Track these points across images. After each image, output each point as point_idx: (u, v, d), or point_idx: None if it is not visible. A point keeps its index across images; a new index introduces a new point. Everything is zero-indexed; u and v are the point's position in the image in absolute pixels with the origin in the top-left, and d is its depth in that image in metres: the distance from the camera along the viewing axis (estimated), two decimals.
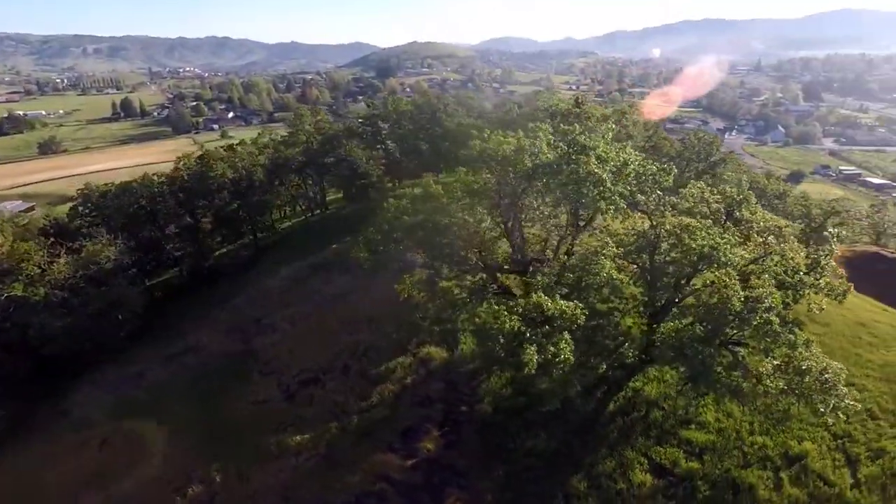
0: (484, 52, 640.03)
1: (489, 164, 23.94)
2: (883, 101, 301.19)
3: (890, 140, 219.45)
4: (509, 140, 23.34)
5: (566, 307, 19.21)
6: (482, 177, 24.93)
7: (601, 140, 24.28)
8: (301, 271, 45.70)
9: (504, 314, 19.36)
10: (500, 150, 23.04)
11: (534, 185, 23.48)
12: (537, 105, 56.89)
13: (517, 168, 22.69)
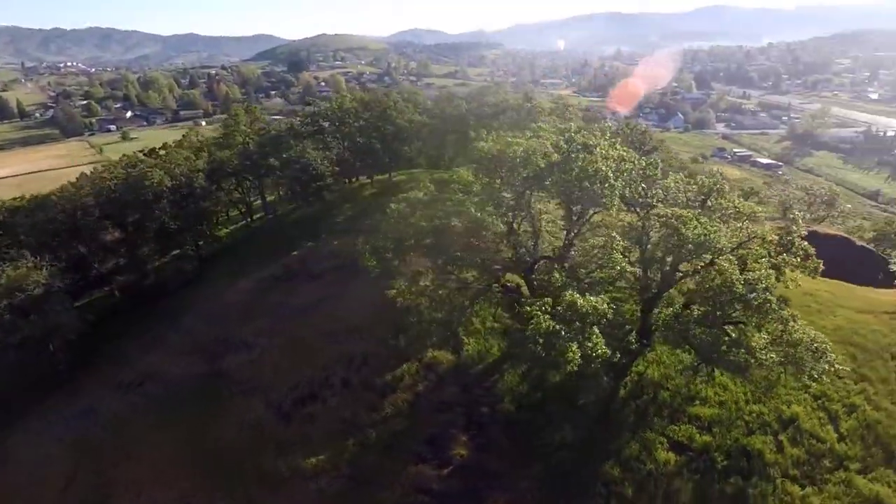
0: (397, 45, 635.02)
1: (495, 164, 23.91)
2: (761, 89, 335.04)
3: (770, 124, 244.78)
4: (518, 142, 23.49)
5: (597, 303, 19.81)
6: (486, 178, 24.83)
7: (601, 138, 25.05)
8: (262, 282, 43.17)
9: (538, 314, 19.58)
10: (509, 151, 23.13)
11: (541, 185, 23.80)
12: (487, 101, 57.55)
13: (529, 168, 22.89)
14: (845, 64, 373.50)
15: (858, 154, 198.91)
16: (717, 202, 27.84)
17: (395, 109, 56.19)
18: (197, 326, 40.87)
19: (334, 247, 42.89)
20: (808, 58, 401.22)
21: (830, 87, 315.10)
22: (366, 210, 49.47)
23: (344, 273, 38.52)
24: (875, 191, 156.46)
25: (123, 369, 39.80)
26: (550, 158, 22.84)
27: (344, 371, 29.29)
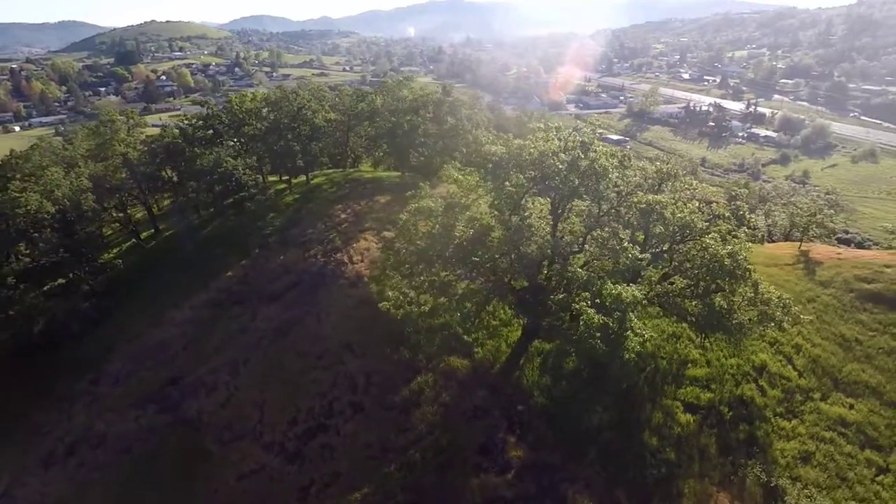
0: (241, 33, 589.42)
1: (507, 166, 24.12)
2: (598, 72, 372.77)
3: (611, 103, 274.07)
4: (529, 143, 23.94)
5: (634, 293, 21.36)
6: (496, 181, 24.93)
7: (593, 135, 26.50)
8: (200, 311, 38.54)
9: (587, 310, 20.55)
10: (524, 153, 23.52)
11: (549, 184, 24.60)
12: (402, 95, 56.77)
13: (546, 169, 23.52)
14: (660, 48, 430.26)
15: (683, 127, 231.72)
16: (674, 185, 31.39)
17: (310, 108, 52.91)
18: (133, 372, 35.42)
19: (282, 262, 39.69)
20: (630, 43, 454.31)
21: (652, 69, 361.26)
22: (297, 219, 46.40)
23: (307, 289, 36.03)
24: (701, 158, 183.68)
25: (37, 438, 33.39)
26: (559, 158, 23.75)
27: (349, 394, 27.76)
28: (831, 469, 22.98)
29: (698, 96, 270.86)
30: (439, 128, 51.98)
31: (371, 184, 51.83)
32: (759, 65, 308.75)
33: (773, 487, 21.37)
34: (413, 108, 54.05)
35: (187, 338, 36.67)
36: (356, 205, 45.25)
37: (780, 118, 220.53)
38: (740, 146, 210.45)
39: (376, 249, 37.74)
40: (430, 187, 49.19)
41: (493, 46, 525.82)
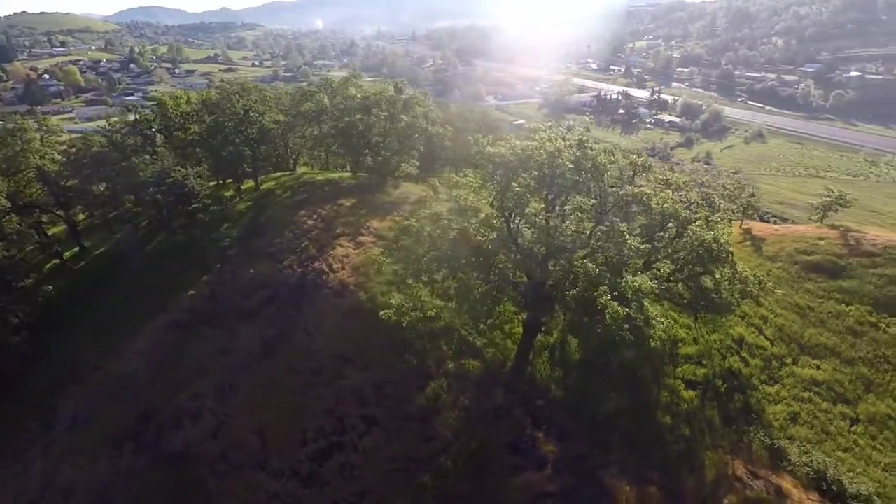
0: (132, 26, 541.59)
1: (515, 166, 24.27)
2: (513, 64, 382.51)
3: (529, 94, 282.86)
4: (537, 144, 24.22)
5: (650, 283, 22.47)
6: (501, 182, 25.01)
7: (587, 134, 27.31)
8: (166, 335, 35.45)
9: (612, 304, 21.36)
10: (535, 155, 23.79)
11: (553, 184, 25.10)
12: (350, 93, 55.17)
13: (556, 169, 23.95)
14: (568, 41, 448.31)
15: (597, 115, 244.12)
16: (646, 176, 33.27)
17: (256, 110, 49.95)
18: (95, 410, 32.08)
19: (254, 275, 37.38)
20: (540, 34, 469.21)
21: (563, 59, 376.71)
22: (257, 228, 43.90)
23: (288, 302, 34.28)
24: (615, 143, 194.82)
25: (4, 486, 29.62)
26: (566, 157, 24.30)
27: (359, 408, 26.91)
28: (816, 426, 25.73)
29: (607, 85, 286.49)
30: (394, 126, 51.17)
31: (328, 186, 50.05)
32: (658, 55, 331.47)
33: (776, 448, 23.55)
34: (365, 107, 52.77)
35: (155, 366, 33.69)
36: (321, 210, 43.56)
37: (681, 104, 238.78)
38: (649, 131, 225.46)
39: (356, 255, 36.66)
40: (393, 188, 48.79)
41: (406, 39, 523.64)
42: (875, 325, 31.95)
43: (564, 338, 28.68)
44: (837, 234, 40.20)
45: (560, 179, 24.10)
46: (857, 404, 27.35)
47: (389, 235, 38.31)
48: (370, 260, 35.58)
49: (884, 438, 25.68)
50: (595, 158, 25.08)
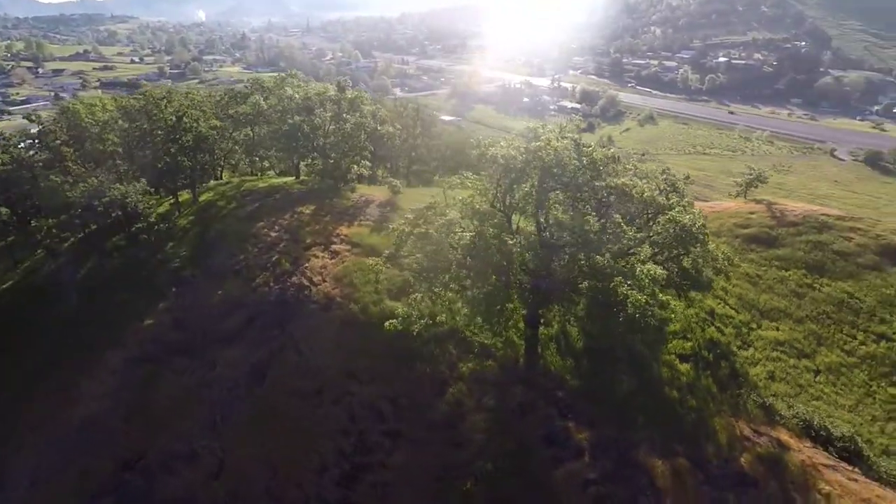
0: None
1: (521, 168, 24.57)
2: (412, 55, 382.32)
3: (435, 85, 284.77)
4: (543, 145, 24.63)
5: (660, 271, 24.00)
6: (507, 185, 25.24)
7: (578, 131, 28.22)
8: (129, 372, 31.90)
9: (633, 293, 22.57)
10: (546, 157, 24.21)
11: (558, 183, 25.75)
12: (287, 94, 52.41)
13: (564, 168, 24.56)
14: (464, 30, 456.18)
15: (503, 104, 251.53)
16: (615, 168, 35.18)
17: (191, 116, 45.78)
18: (60, 464, 28.28)
19: (224, 296, 34.62)
20: (437, 25, 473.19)
21: (463, 51, 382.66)
22: (209, 244, 40.64)
23: (270, 322, 32.24)
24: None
25: None
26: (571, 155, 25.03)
27: (378, 424, 26.17)
28: (790, 381, 29.09)
29: (510, 75, 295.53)
30: (341, 127, 49.45)
31: (277, 194, 47.38)
32: (555, 43, 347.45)
33: (767, 406, 26.33)
34: (307, 108, 50.55)
35: (125, 407, 30.30)
36: (281, 220, 41.21)
37: (580, 91, 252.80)
38: (554, 118, 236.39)
39: (333, 266, 35.25)
40: (350, 192, 47.29)
41: (301, 31, 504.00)
42: (811, 286, 36.59)
43: (564, 328, 29.76)
44: (764, 207, 45.23)
45: (566, 177, 24.83)
46: (814, 357, 31.31)
47: (365, 242, 37.47)
48: (350, 269, 34.45)
49: (842, 384, 29.72)
50: (591, 155, 26.15)
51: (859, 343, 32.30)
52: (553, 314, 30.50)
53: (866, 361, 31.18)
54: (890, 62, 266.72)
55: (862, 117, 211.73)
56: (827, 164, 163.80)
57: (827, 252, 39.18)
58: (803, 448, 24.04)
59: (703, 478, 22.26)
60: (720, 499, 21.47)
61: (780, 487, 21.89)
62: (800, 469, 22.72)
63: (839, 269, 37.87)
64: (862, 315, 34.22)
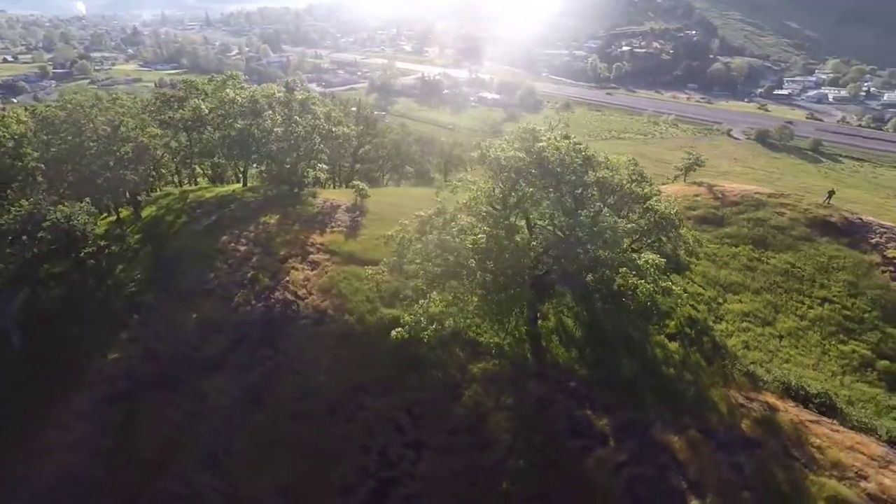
0: None
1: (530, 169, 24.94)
2: (324, 48, 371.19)
3: (352, 80, 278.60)
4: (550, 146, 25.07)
5: (662, 260, 25.46)
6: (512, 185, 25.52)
7: (566, 128, 28.95)
8: (100, 413, 28.82)
9: (640, 283, 23.84)
10: (553, 157, 24.67)
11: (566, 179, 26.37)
12: (229, 97, 49.29)
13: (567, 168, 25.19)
14: (375, 23, 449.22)
15: (424, 97, 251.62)
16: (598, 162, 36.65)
17: (127, 125, 41.61)
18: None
19: (199, 321, 32.15)
20: (345, 17, 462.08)
21: (376, 43, 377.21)
22: (168, 264, 37.52)
23: (257, 343, 30.50)
24: (451, 123, 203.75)
25: None
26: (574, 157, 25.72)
27: (398, 436, 25.71)
28: (761, 348, 32.09)
29: (427, 67, 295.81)
30: (293, 130, 47.34)
31: (232, 204, 44.54)
32: (468, 35, 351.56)
33: (750, 373, 28.90)
34: (254, 111, 47.94)
35: (105, 455, 27.48)
36: (246, 232, 38.88)
37: (498, 82, 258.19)
38: (475, 109, 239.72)
39: (317, 277, 33.93)
40: (312, 197, 45.58)
41: (200, 25, 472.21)
42: (759, 260, 40.41)
43: (560, 321, 30.77)
44: (706, 189, 49.11)
45: (568, 175, 25.57)
46: (775, 324, 34.73)
47: (343, 250, 36.41)
48: (336, 279, 33.38)
49: (802, 346, 33.25)
50: (585, 152, 27.12)
51: (808, 308, 36.23)
52: (547, 308, 31.51)
53: (816, 323, 35.08)
54: (766, 49, 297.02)
55: (749, 99, 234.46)
56: (726, 143, 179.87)
57: (766, 227, 43.37)
58: (789, 408, 26.69)
59: (714, 445, 24.10)
60: (734, 463, 23.38)
61: (780, 445, 24.22)
62: (791, 427, 25.26)
63: (779, 242, 42.10)
64: (805, 282, 38.36)
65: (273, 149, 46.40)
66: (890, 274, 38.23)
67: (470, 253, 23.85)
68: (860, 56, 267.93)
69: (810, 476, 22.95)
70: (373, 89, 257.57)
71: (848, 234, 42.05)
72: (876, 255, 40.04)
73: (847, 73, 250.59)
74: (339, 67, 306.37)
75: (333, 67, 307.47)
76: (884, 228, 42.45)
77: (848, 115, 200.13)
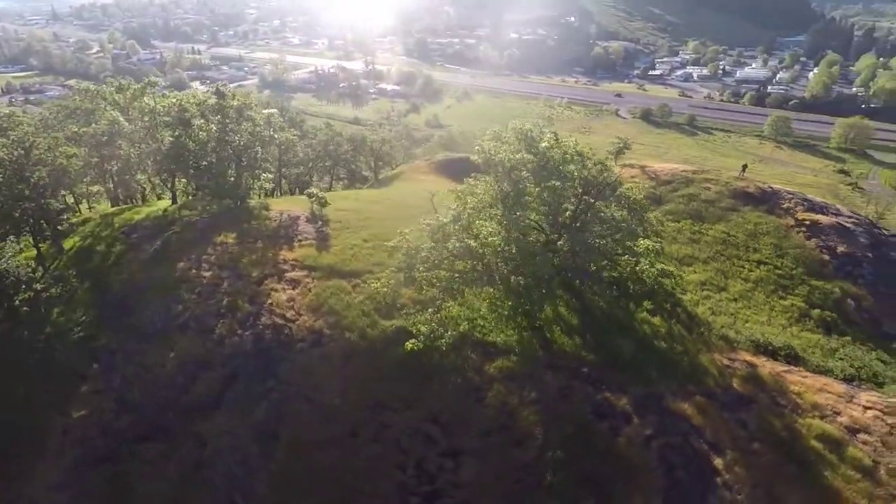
0: None
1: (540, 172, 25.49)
2: (201, 43, 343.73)
3: (240, 76, 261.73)
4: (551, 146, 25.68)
5: (654, 244, 27.38)
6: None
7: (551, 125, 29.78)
8: (85, 485, 25.38)
9: (645, 267, 25.59)
10: (558, 158, 25.32)
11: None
12: (148, 106, 44.59)
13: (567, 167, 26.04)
14: (254, 13, 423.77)
15: (320, 91, 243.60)
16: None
17: (38, 146, 35.86)
18: None
19: (175, 359, 29.07)
20: (220, 8, 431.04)
21: (259, 36, 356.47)
22: (114, 302, 33.56)
23: (255, 375, 28.41)
24: (354, 118, 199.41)
25: None
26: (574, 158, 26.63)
27: (430, 447, 25.43)
28: (725, 312, 35.79)
29: (319, 60, 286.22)
30: (232, 139, 44.01)
31: (173, 226, 40.49)
32: (355, 27, 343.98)
33: (725, 336, 32.22)
34: (182, 121, 43.79)
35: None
36: (204, 255, 35.66)
37: (396, 73, 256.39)
38: (377, 101, 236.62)
39: (301, 296, 32.19)
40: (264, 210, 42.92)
41: (45, 19, 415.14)
42: (700, 232, 44.79)
43: (555, 310, 32.04)
44: (639, 171, 53.17)
45: (568, 172, 26.58)
46: (728, 289, 38.84)
47: (321, 264, 34.92)
48: (324, 296, 31.88)
49: (753, 306, 37.56)
50: (576, 148, 28.32)
51: (748, 271, 40.94)
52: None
53: (759, 284, 39.78)
54: (636, 33, 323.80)
55: (628, 80, 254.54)
56: (615, 122, 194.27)
57: (699, 202, 48.10)
58: (764, 363, 30.23)
59: (718, 406, 26.72)
60: (738, 419, 26.12)
61: (768, 397, 27.45)
62: (772, 379, 28.69)
63: (711, 214, 46.93)
64: (740, 248, 43.22)
65: (213, 161, 42.84)
66: (803, 234, 44.30)
67: (496, 257, 24.06)
68: (715, 38, 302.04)
69: (798, 420, 26.31)
70: (265, 85, 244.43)
71: (764, 202, 47.94)
72: (789, 218, 46.14)
73: (705, 53, 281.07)
74: (222, 63, 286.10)
75: (216, 63, 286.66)
76: (790, 194, 48.99)
77: (711, 92, 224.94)
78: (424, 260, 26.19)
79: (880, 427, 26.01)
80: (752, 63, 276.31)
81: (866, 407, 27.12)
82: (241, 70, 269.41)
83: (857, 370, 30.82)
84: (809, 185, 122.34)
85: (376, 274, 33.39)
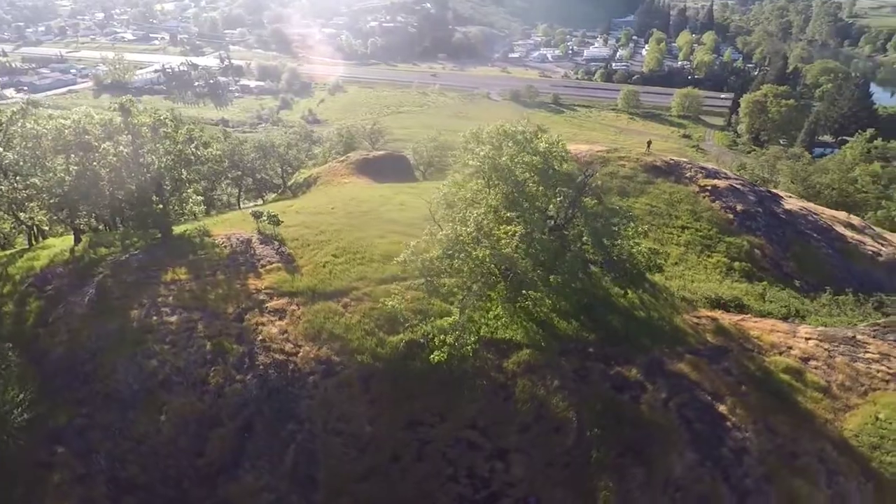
0: None
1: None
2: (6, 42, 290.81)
3: (69, 80, 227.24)
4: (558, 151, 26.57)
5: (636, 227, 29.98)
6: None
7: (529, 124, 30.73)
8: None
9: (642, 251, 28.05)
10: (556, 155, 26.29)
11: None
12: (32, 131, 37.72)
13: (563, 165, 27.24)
14: (68, 7, 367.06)
15: (175, 92, 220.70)
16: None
17: None
18: None
19: (170, 420, 25.54)
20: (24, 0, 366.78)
21: (80, 31, 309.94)
22: (61, 369, 28.65)
23: (271, 421, 26.14)
24: (221, 119, 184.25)
25: None
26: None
27: (475, 454, 25.67)
28: (675, 277, 40.30)
29: (164, 57, 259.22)
30: (150, 162, 38.98)
31: (97, 268, 35.06)
32: (198, 18, 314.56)
33: (686, 298, 36.49)
34: (83, 145, 37.85)
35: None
36: (160, 298, 31.44)
37: (257, 67, 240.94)
38: (241, 99, 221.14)
39: (293, 326, 30.05)
40: (206, 237, 39.03)
41: None
42: (630, 207, 49.42)
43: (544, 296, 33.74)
44: None
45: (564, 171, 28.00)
46: (668, 256, 43.74)
47: (300, 287, 32.77)
48: (317, 321, 30.04)
49: (691, 267, 42.66)
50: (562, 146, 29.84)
51: (677, 236, 46.40)
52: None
53: (689, 247, 45.34)
54: (490, 17, 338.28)
55: (492, 64, 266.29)
56: (489, 105, 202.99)
57: (619, 179, 53.00)
58: (723, 316, 34.89)
59: (706, 360, 30.48)
60: (724, 369, 30.02)
61: (738, 345, 31.88)
62: (735, 328, 33.30)
63: (632, 189, 52.05)
64: (665, 217, 48.71)
65: (132, 188, 37.58)
66: (708, 198, 51.19)
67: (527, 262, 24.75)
68: (560, 20, 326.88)
69: (766, 359, 31.03)
70: (102, 89, 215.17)
71: (671, 173, 54.30)
72: (694, 185, 52.89)
73: (554, 35, 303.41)
74: (39, 66, 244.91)
75: (31, 66, 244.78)
76: (689, 164, 56.11)
77: (567, 71, 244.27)
78: (441, 271, 26.03)
79: (822, 353, 31.66)
80: (595, 43, 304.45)
81: (807, 338, 32.72)
82: (67, 72, 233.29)
83: (787, 308, 36.92)
84: (666, 150, 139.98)
85: (363, 290, 32.51)
